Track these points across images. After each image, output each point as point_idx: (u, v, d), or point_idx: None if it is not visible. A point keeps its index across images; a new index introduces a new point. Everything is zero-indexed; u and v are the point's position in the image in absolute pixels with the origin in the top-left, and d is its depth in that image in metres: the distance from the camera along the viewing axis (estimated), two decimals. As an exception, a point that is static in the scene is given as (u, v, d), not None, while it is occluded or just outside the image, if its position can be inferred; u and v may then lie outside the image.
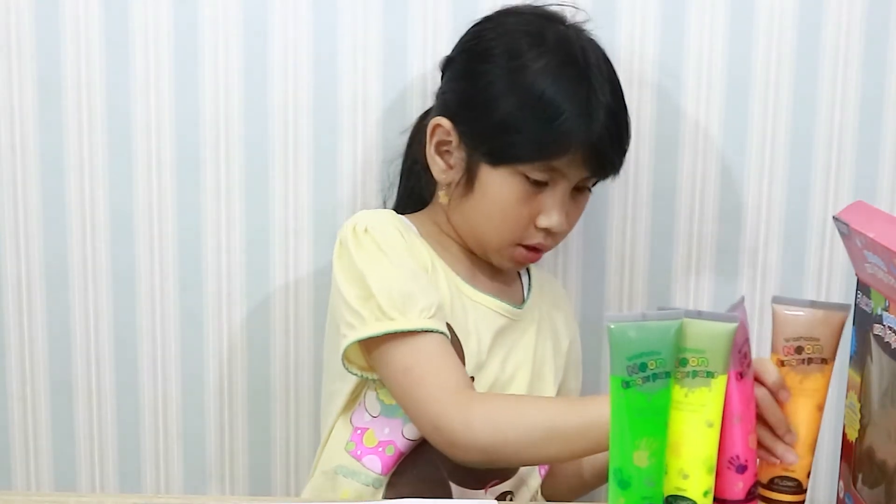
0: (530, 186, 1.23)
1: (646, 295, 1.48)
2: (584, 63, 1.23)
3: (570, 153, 1.21)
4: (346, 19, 1.41)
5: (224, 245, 1.46)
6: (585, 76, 1.22)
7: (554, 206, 1.24)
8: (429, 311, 1.18)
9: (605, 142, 1.23)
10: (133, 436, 1.51)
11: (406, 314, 1.17)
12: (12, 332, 1.48)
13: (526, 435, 1.13)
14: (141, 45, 1.41)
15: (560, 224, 1.25)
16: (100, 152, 1.44)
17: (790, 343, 1.00)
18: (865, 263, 0.97)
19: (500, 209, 1.25)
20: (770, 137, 1.45)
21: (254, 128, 1.44)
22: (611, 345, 0.93)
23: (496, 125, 1.23)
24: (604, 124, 1.22)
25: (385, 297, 1.18)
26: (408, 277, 1.20)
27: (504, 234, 1.26)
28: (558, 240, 1.29)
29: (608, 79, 1.25)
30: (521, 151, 1.22)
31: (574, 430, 1.10)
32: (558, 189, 1.24)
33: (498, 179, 1.24)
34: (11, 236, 1.46)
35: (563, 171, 1.23)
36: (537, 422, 1.13)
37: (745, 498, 0.99)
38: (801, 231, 1.48)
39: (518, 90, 1.22)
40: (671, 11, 1.42)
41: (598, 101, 1.22)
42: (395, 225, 1.26)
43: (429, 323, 1.18)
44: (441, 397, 1.16)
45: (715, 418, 0.95)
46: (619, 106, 1.26)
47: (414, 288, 1.19)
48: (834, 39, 1.43)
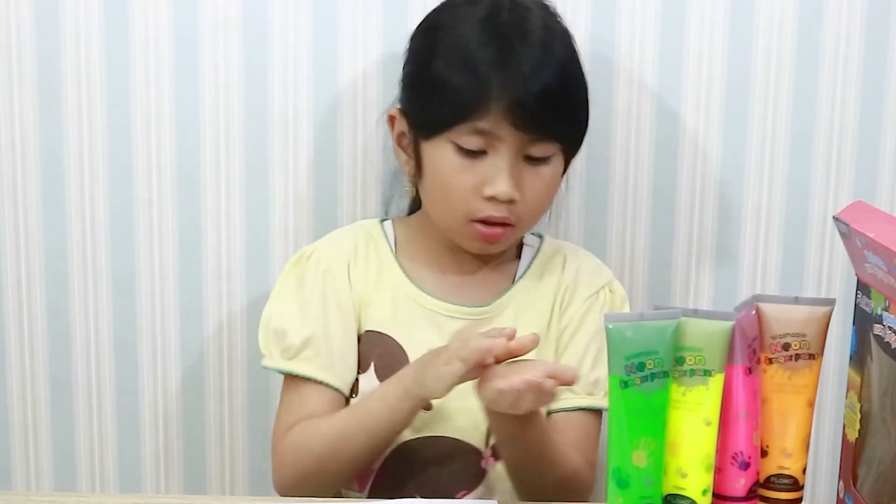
0: (465, 156, 1.20)
1: (646, 295, 1.48)
2: (507, 20, 1.20)
3: (491, 112, 1.18)
4: (347, 19, 1.41)
5: (224, 245, 1.46)
6: (504, 32, 1.20)
7: (497, 172, 1.20)
8: (289, 353, 1.26)
9: (529, 97, 1.17)
10: (133, 436, 1.51)
11: (271, 351, 1.27)
12: (12, 332, 1.49)
13: (322, 443, 1.20)
14: (141, 45, 1.42)
15: (506, 192, 1.20)
16: (100, 152, 1.44)
17: (777, 340, 1.00)
18: (865, 263, 0.97)
19: (440, 184, 1.23)
20: (770, 137, 1.45)
21: (254, 128, 1.44)
22: (609, 345, 0.93)
23: (422, 93, 1.23)
24: (525, 78, 1.18)
25: (263, 329, 1.29)
26: (294, 314, 1.27)
27: (453, 209, 1.23)
28: (521, 214, 1.23)
29: (540, 38, 1.21)
30: (442, 114, 1.20)
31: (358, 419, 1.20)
32: (500, 155, 1.20)
33: (433, 152, 1.22)
34: (11, 236, 1.46)
35: (495, 133, 1.19)
36: (329, 428, 1.21)
37: (745, 495, 0.99)
38: (801, 231, 1.48)
39: (439, 53, 1.22)
40: (671, 11, 1.42)
41: (517, 55, 1.18)
42: (343, 256, 1.29)
43: (284, 364, 1.26)
44: (273, 437, 1.27)
45: (713, 417, 0.95)
46: (548, 62, 1.20)
47: (289, 326, 1.26)
48: (834, 39, 1.43)
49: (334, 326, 1.26)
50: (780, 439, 1.01)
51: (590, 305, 1.31)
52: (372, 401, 1.21)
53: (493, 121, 1.19)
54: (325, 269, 1.28)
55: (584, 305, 1.30)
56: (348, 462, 1.21)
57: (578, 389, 1.26)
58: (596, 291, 1.32)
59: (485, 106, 1.18)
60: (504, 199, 1.21)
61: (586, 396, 1.27)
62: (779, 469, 1.02)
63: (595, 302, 1.31)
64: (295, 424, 1.24)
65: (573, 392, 1.25)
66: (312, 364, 1.25)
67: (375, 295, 1.29)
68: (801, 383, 1.01)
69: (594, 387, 1.27)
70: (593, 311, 1.30)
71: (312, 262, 1.29)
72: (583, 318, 1.30)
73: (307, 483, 1.22)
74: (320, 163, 1.45)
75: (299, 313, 1.27)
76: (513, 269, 1.33)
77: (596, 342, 1.29)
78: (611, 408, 0.94)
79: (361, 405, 1.23)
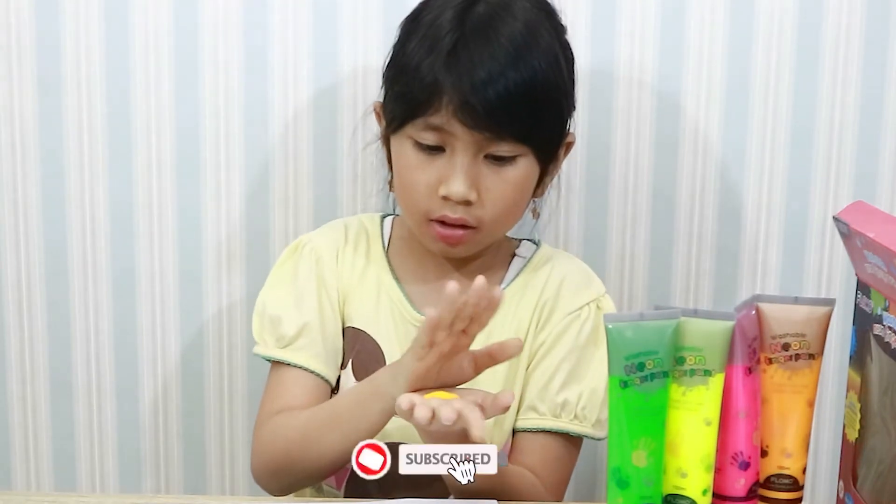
0: (423, 152, 1.17)
1: (646, 295, 1.48)
2: (481, 13, 1.16)
3: (443, 108, 1.14)
4: (347, 19, 1.41)
5: (224, 245, 1.46)
6: (470, 26, 1.15)
7: (451, 171, 1.16)
8: (283, 341, 1.24)
9: (476, 97, 1.13)
10: (133, 436, 1.51)
11: (265, 339, 1.25)
12: (12, 332, 1.49)
13: (295, 437, 1.17)
14: (141, 45, 1.42)
15: (460, 192, 1.15)
16: (100, 152, 1.44)
17: (776, 340, 1.00)
18: (865, 263, 0.97)
19: (401, 181, 1.20)
20: (770, 137, 1.45)
21: (254, 128, 1.44)
22: (608, 345, 0.93)
23: (389, 84, 1.21)
24: (475, 76, 1.13)
25: (257, 317, 1.27)
26: (289, 303, 1.25)
27: (413, 208, 1.20)
28: (481, 217, 1.18)
29: (508, 34, 1.15)
30: (401, 107, 1.18)
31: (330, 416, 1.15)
32: (456, 154, 1.15)
33: (397, 147, 1.20)
34: (11, 236, 1.46)
35: (448, 130, 1.15)
36: (305, 421, 1.17)
37: (745, 495, 0.99)
38: (801, 231, 1.48)
39: (409, 43, 1.19)
40: (671, 12, 1.42)
41: (471, 51, 1.14)
42: (333, 245, 1.27)
43: (277, 353, 1.24)
44: (256, 422, 1.24)
45: (713, 416, 0.95)
46: (507, 61, 1.14)
47: (284, 314, 1.24)
48: (834, 39, 1.43)
49: (327, 315, 1.25)
50: (780, 439, 1.01)
51: (569, 323, 1.24)
52: (344, 399, 1.19)
53: (445, 117, 1.15)
54: (317, 258, 1.27)
55: (562, 323, 1.24)
56: (317, 459, 1.16)
57: (544, 410, 1.21)
58: (578, 308, 1.24)
59: (437, 101, 1.14)
60: (458, 199, 1.16)
61: (551, 419, 1.21)
62: (779, 469, 1.02)
63: (576, 320, 1.24)
64: (278, 413, 1.22)
65: (537, 413, 1.21)
66: (305, 353, 1.23)
67: (359, 289, 1.27)
68: (800, 383, 1.01)
69: (561, 409, 1.21)
70: (571, 330, 1.23)
71: (307, 252, 1.28)
72: (559, 336, 1.23)
73: (280, 474, 1.20)
74: (321, 163, 1.45)
75: (294, 302, 1.25)
76: (499, 278, 1.27)
77: (569, 361, 1.22)
78: (611, 408, 0.94)
79: (334, 402, 1.20)
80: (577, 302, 1.25)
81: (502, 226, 1.23)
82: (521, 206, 1.22)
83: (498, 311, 1.18)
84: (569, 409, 1.21)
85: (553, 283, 1.26)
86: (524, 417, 1.22)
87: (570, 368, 1.22)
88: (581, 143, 1.44)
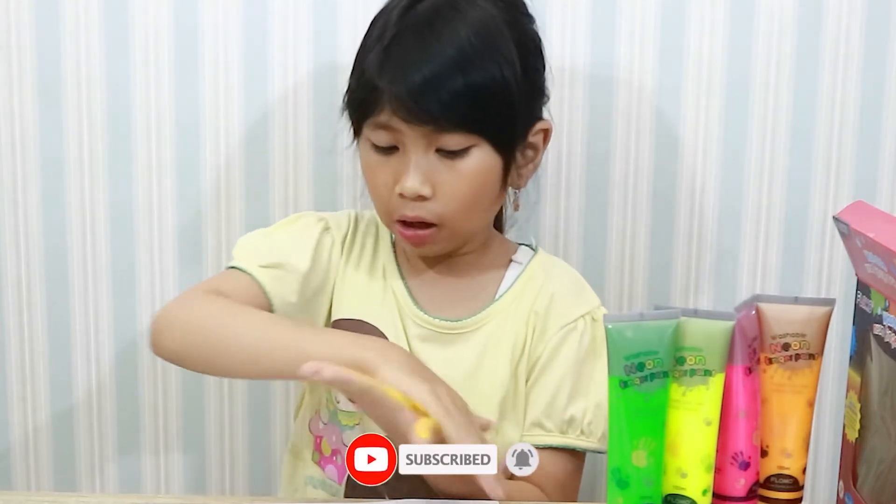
0: (379, 152, 1.17)
1: (645, 295, 1.48)
2: (427, 7, 1.16)
3: (385, 105, 1.14)
4: (347, 19, 1.41)
5: (224, 245, 1.46)
6: (411, 21, 1.15)
7: (404, 169, 1.15)
8: (262, 261, 1.19)
9: (405, 88, 1.12)
10: (133, 436, 1.51)
11: (242, 255, 1.21)
12: (12, 332, 1.49)
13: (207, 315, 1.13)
14: (141, 45, 1.42)
15: (411, 187, 1.14)
16: (100, 152, 1.44)
17: (776, 340, 1.00)
18: (865, 263, 0.97)
19: (367, 184, 1.20)
20: (770, 137, 1.45)
21: (254, 128, 1.44)
22: (608, 345, 0.93)
23: (348, 86, 1.21)
24: (404, 68, 1.13)
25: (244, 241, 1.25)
26: (286, 245, 1.22)
27: (380, 210, 1.20)
28: (440, 212, 1.16)
29: (449, 25, 1.14)
30: (353, 110, 1.18)
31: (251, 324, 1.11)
32: (407, 151, 1.15)
33: (360, 151, 1.20)
34: (11, 236, 1.46)
35: (396, 128, 1.14)
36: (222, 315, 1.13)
37: (745, 495, 0.99)
38: (801, 231, 1.48)
39: (365, 43, 1.19)
40: (671, 12, 1.42)
41: (403, 45, 1.14)
42: (342, 227, 1.26)
43: (244, 264, 1.19)
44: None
45: (713, 416, 0.95)
46: (439, 50, 1.13)
47: (274, 247, 1.21)
48: (834, 39, 1.43)
49: (316, 274, 1.22)
50: (780, 439, 1.01)
51: (564, 336, 1.21)
52: (270, 321, 1.13)
53: (388, 114, 1.14)
54: (325, 228, 1.26)
55: (557, 335, 1.21)
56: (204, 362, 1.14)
57: (550, 426, 1.20)
58: (573, 321, 1.21)
59: (380, 99, 1.14)
60: (410, 195, 1.15)
61: (559, 435, 1.19)
62: (779, 469, 1.02)
63: (572, 332, 1.21)
64: (207, 291, 1.17)
65: (543, 429, 1.20)
66: (275, 284, 1.19)
67: (367, 280, 1.25)
68: (800, 383, 1.01)
69: (568, 425, 1.19)
70: (569, 342, 1.21)
71: (315, 218, 1.26)
72: (556, 350, 1.21)
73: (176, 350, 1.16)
74: (321, 163, 1.45)
75: (291, 245, 1.23)
76: (497, 281, 1.26)
77: (572, 375, 1.20)
78: (611, 408, 0.94)
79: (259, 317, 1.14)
80: (572, 314, 1.22)
81: (468, 220, 1.19)
82: (483, 198, 1.19)
83: (494, 321, 1.22)
84: (575, 426, 1.19)
85: (545, 295, 1.23)
86: (530, 434, 1.20)
87: (574, 383, 1.20)
88: (581, 143, 1.44)
